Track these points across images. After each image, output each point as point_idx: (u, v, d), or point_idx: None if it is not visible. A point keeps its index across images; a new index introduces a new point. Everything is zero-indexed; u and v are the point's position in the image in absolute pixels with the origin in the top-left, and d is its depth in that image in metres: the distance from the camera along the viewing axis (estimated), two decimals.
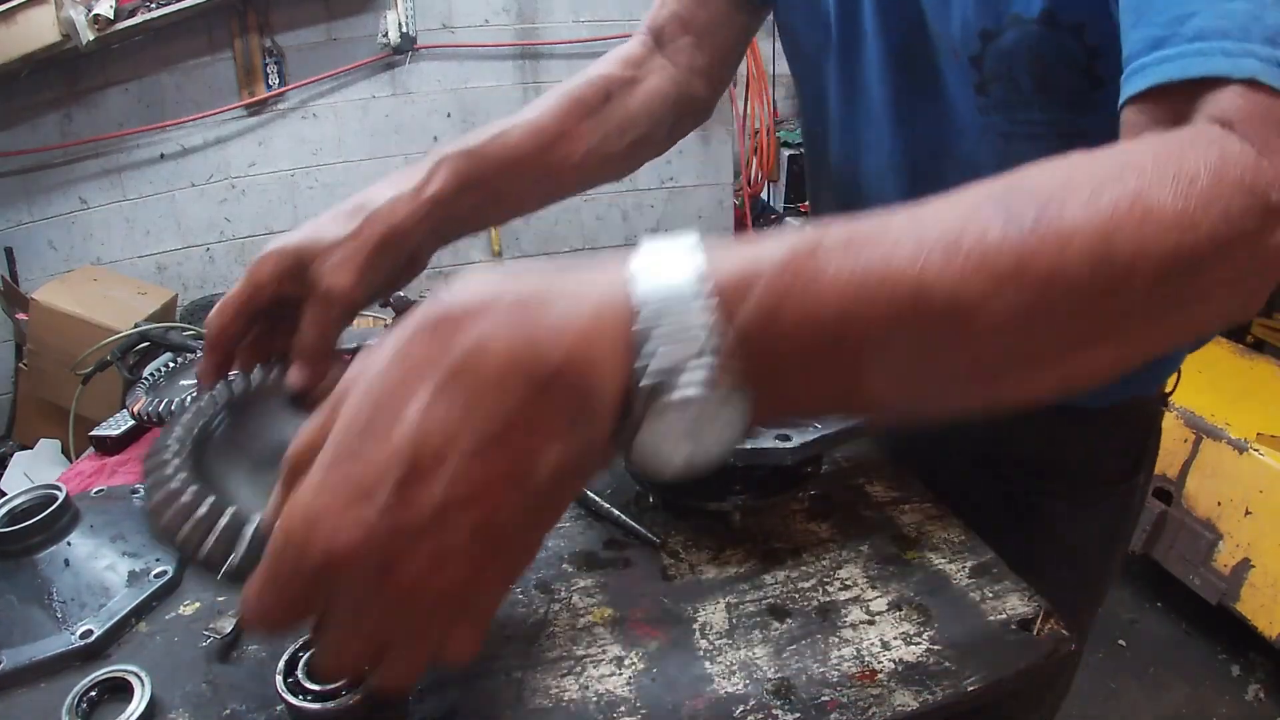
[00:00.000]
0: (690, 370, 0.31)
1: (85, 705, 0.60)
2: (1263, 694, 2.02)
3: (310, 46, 3.28)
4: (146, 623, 0.68)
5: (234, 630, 0.64)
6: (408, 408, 0.32)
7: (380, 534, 0.31)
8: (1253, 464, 2.00)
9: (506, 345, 0.32)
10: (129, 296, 2.82)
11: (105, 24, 2.75)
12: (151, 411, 0.92)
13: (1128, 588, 2.42)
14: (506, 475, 0.32)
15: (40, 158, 3.06)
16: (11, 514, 0.74)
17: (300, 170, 3.39)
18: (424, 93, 3.46)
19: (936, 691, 0.60)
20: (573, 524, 0.83)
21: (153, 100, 3.14)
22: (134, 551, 0.76)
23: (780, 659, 0.63)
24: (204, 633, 0.66)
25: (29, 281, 3.07)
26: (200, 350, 1.17)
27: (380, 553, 0.31)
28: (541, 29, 3.54)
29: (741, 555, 0.76)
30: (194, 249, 3.35)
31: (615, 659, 0.64)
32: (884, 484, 0.87)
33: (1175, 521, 2.13)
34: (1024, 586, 0.71)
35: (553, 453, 0.32)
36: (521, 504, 0.33)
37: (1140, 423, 0.88)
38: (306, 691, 0.50)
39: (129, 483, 0.91)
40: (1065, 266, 0.34)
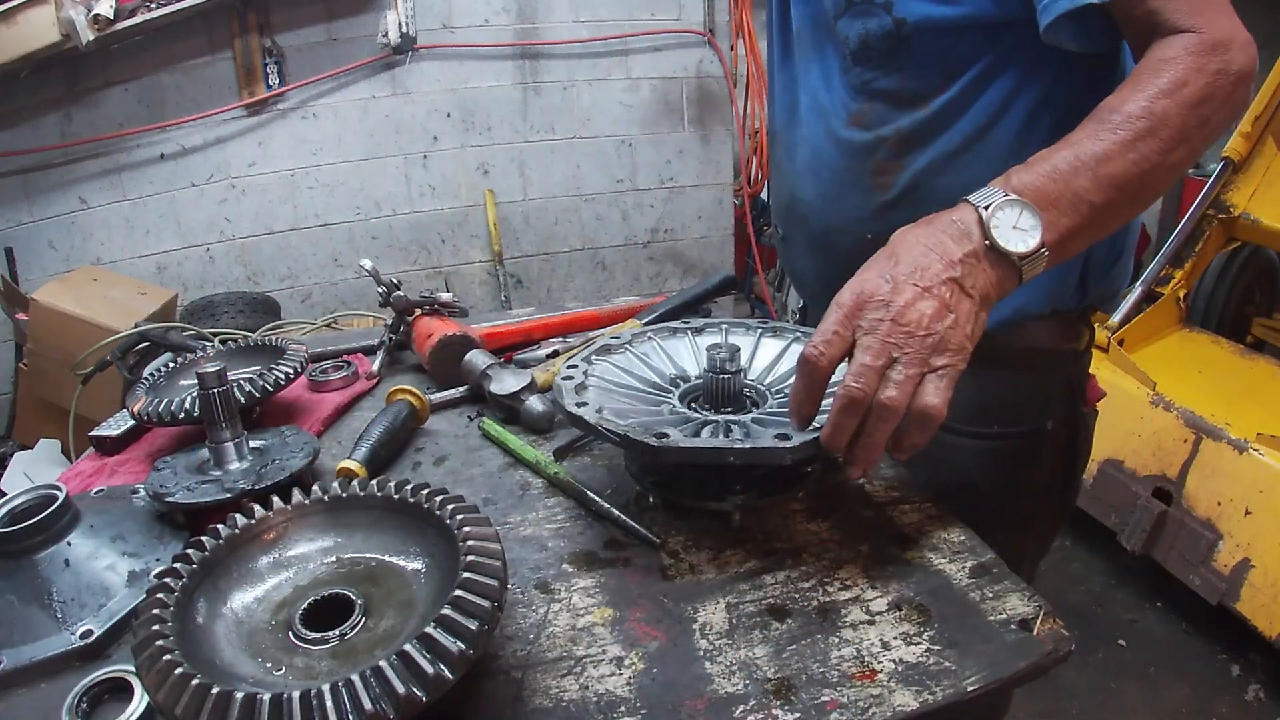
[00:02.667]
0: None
1: (85, 705, 0.60)
2: (1263, 694, 2.03)
3: (310, 46, 3.28)
4: None
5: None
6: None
7: (893, 308, 0.66)
8: (1253, 464, 2.00)
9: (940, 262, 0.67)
10: (129, 296, 2.82)
11: (105, 24, 2.75)
12: (151, 411, 0.93)
13: (1128, 588, 2.42)
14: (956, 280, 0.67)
15: (40, 158, 3.06)
16: (11, 514, 0.74)
17: (300, 170, 3.39)
18: (424, 93, 3.46)
19: (936, 691, 0.60)
20: (573, 524, 0.83)
21: (153, 100, 3.14)
22: (134, 551, 0.76)
23: (780, 659, 0.63)
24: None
25: (29, 281, 3.07)
26: (200, 350, 1.17)
27: (890, 306, 0.65)
28: (541, 29, 3.54)
29: (741, 555, 0.76)
30: (194, 249, 3.35)
31: (615, 659, 0.64)
32: (884, 484, 0.87)
33: (1175, 521, 2.13)
34: (1024, 586, 0.71)
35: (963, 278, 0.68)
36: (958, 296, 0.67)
37: (1042, 370, 0.99)
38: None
39: (129, 483, 0.91)
40: (1160, 159, 0.73)
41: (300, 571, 0.67)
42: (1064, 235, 0.70)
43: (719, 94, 3.84)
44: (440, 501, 0.65)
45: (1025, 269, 0.70)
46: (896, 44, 0.87)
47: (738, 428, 0.79)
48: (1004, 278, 0.70)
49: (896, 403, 0.65)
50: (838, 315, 0.67)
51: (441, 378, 1.14)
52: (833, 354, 0.67)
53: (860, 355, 0.65)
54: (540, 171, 3.73)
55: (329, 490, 0.70)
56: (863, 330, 0.66)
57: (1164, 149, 0.72)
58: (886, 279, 0.67)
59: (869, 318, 0.66)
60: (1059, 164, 0.71)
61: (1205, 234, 2.54)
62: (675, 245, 4.04)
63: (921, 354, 0.65)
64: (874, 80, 0.92)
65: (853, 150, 0.97)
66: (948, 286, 0.67)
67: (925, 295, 0.66)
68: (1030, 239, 0.69)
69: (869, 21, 0.87)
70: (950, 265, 0.67)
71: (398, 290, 1.23)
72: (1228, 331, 2.85)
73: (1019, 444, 1.00)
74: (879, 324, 0.65)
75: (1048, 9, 0.78)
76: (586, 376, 0.88)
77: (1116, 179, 0.71)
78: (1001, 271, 0.69)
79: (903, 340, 0.65)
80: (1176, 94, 0.72)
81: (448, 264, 3.73)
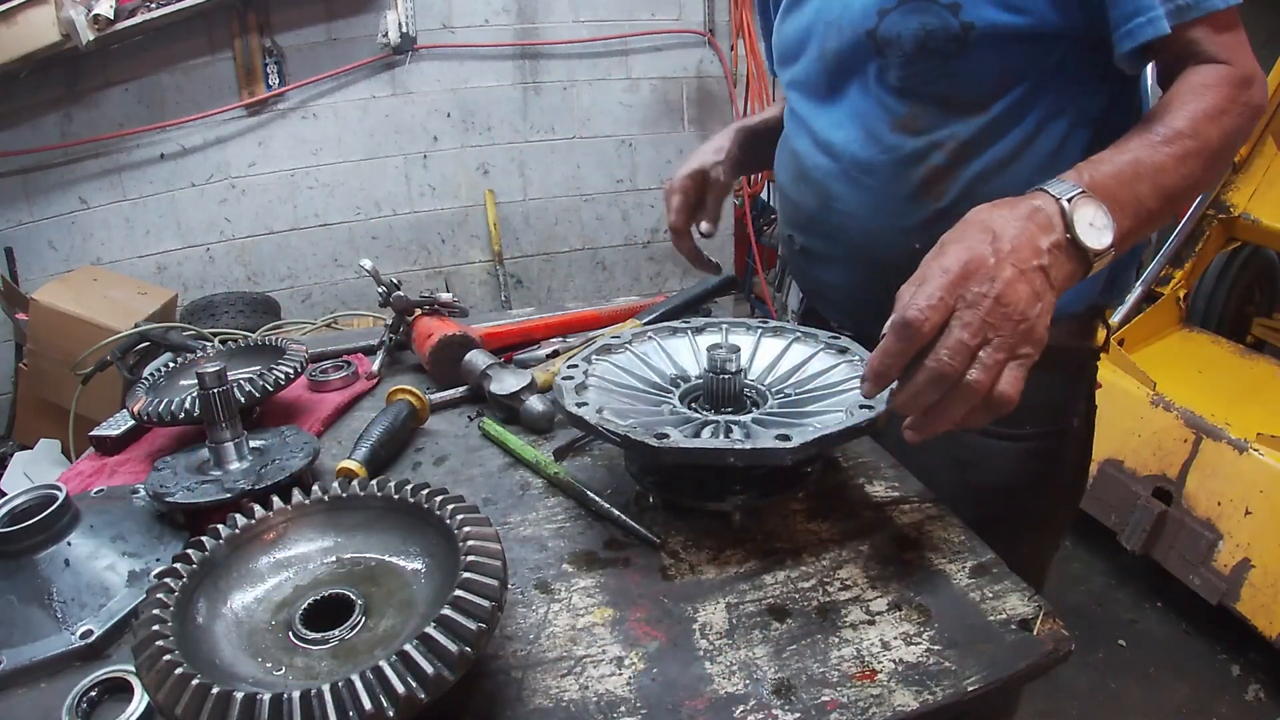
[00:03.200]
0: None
1: (85, 705, 0.60)
2: (1263, 694, 2.02)
3: (310, 46, 3.28)
4: None
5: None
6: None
7: (992, 287, 0.65)
8: (1253, 464, 2.00)
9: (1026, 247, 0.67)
10: (129, 296, 2.82)
11: (105, 24, 2.75)
12: (151, 411, 0.92)
13: (1128, 588, 2.42)
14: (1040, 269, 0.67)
15: (40, 158, 3.06)
16: (11, 514, 0.74)
17: (300, 170, 3.39)
18: (424, 92, 3.46)
19: (936, 691, 0.60)
20: (573, 524, 0.83)
21: (153, 100, 3.14)
22: (134, 551, 0.76)
23: (780, 659, 0.63)
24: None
25: (29, 281, 3.07)
26: (200, 350, 1.17)
27: (995, 281, 0.64)
28: (541, 29, 3.54)
29: (741, 555, 0.76)
30: (194, 249, 3.35)
31: (615, 659, 0.64)
32: (884, 484, 0.87)
33: (1175, 521, 2.13)
34: (1024, 586, 0.71)
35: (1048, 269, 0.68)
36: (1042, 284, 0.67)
37: (1064, 369, 1.00)
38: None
39: (129, 483, 0.91)
40: (1200, 176, 0.79)
41: (300, 571, 0.67)
42: (1123, 236, 0.73)
43: (719, 94, 3.83)
44: (440, 501, 0.65)
45: (1095, 265, 0.71)
46: (959, 47, 0.86)
47: (738, 428, 0.79)
48: (1074, 272, 0.71)
49: (982, 385, 0.64)
50: (943, 281, 0.64)
51: (441, 378, 1.14)
52: (935, 320, 0.64)
53: (959, 330, 0.64)
54: (540, 171, 3.73)
55: (329, 490, 0.70)
56: (965, 303, 0.64)
57: (1204, 168, 0.78)
58: (990, 251, 0.66)
59: (973, 290, 0.64)
60: (1124, 169, 0.75)
61: (1205, 234, 2.54)
62: None
63: (1013, 340, 0.65)
64: (926, 84, 0.90)
65: (901, 157, 0.94)
66: (1040, 274, 0.67)
67: (1023, 278, 0.65)
68: (1105, 237, 0.70)
69: (928, 20, 0.85)
70: (1040, 252, 0.67)
71: (398, 290, 1.23)
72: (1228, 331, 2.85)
73: (1048, 443, 1.02)
74: (982, 299, 0.64)
75: (1131, 35, 0.80)
76: (586, 376, 0.88)
77: (1168, 190, 0.76)
78: (1074, 266, 0.70)
79: (999, 321, 0.64)
80: (1217, 120, 0.78)
81: (448, 264, 3.73)
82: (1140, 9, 0.79)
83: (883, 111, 0.94)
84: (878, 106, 0.94)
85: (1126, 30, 0.80)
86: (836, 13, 0.95)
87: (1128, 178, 0.75)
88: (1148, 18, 0.79)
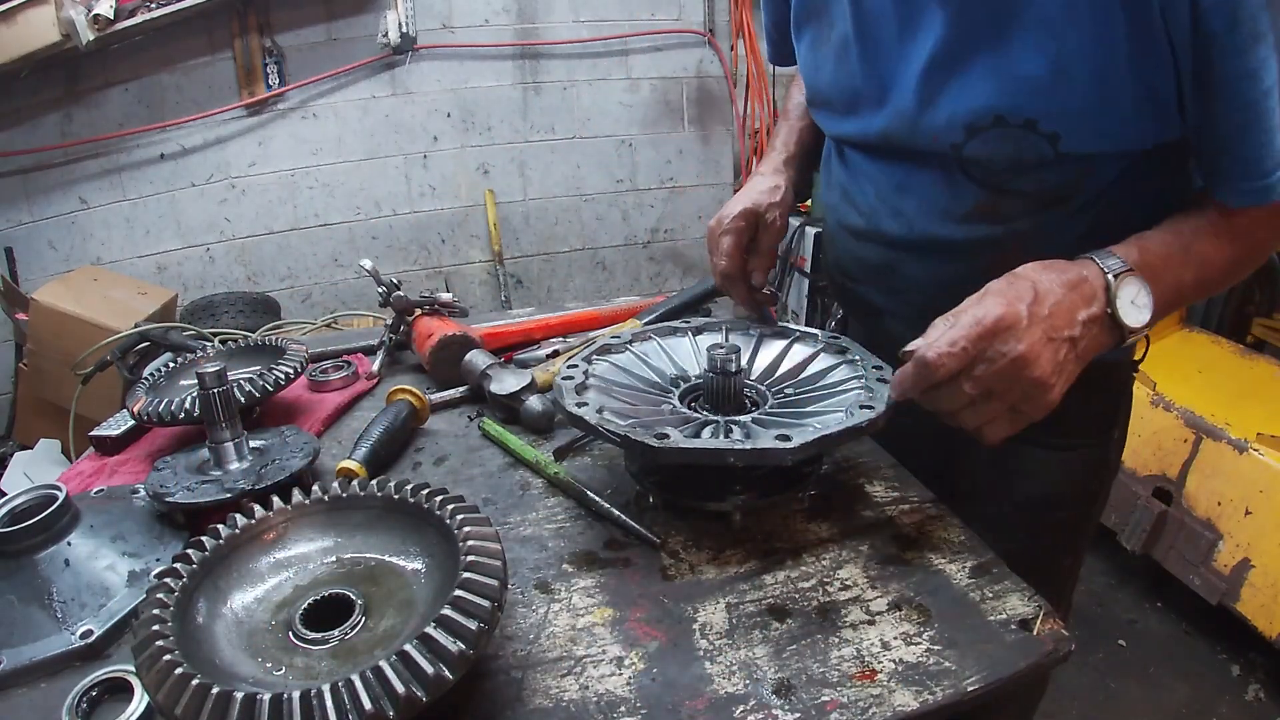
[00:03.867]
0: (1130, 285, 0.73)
1: (85, 705, 0.60)
2: (1263, 694, 2.02)
3: (310, 46, 3.27)
4: None
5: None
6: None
7: (1020, 350, 0.67)
8: (1253, 464, 2.00)
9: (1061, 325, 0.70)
10: (129, 296, 2.82)
11: (105, 24, 2.74)
12: (151, 411, 0.92)
13: (1128, 588, 2.42)
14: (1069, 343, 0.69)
15: (40, 158, 3.06)
16: (11, 514, 0.74)
17: (300, 170, 3.39)
18: (424, 93, 3.46)
19: (936, 691, 0.60)
20: (573, 524, 0.83)
21: (153, 100, 3.14)
22: (134, 551, 0.76)
23: (780, 659, 0.63)
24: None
25: (29, 281, 3.07)
26: (200, 350, 1.17)
27: (1020, 342, 0.67)
28: (541, 29, 3.54)
29: (741, 555, 0.76)
30: (194, 249, 3.35)
31: (615, 659, 0.64)
32: (884, 484, 0.87)
33: (1175, 521, 2.13)
34: (1024, 586, 0.71)
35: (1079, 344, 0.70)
36: (1070, 359, 0.70)
37: (1113, 384, 1.01)
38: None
39: (129, 483, 0.91)
40: (1242, 271, 0.81)
41: (300, 571, 0.67)
42: (1158, 314, 0.74)
43: (719, 94, 3.83)
44: (440, 501, 0.65)
45: (1128, 341, 0.74)
46: (1052, 163, 0.80)
47: (738, 428, 0.79)
48: (1106, 345, 0.73)
49: (968, 425, 0.71)
50: (974, 332, 0.67)
51: (441, 378, 1.14)
52: (951, 368, 0.68)
53: (967, 385, 0.69)
54: (540, 171, 3.73)
55: (329, 490, 0.70)
56: (984, 358, 0.68)
57: (1245, 265, 0.80)
58: (1026, 313, 0.68)
59: (997, 348, 0.67)
60: (1174, 253, 0.76)
61: None
62: (675, 245, 4.04)
63: (1017, 399, 0.69)
64: (1011, 182, 0.84)
65: (978, 239, 0.88)
66: (1068, 345, 0.69)
67: (1049, 345, 0.68)
68: (1144, 315, 0.72)
69: (1024, 148, 0.79)
70: (1075, 324, 0.70)
71: (398, 290, 1.23)
72: (1228, 331, 2.85)
73: (1095, 454, 1.03)
74: (1001, 357, 0.67)
75: (1241, 196, 0.75)
76: (586, 376, 0.88)
77: (1209, 280, 0.78)
78: (1107, 339, 0.73)
79: (1011, 382, 0.68)
80: (1273, 223, 0.77)
81: (448, 264, 3.73)
82: (1259, 172, 0.72)
83: (963, 194, 0.87)
84: (956, 189, 0.87)
85: (1236, 189, 0.75)
86: (908, 107, 0.85)
87: (1176, 262, 0.75)
88: (1264, 184, 0.72)
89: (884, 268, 0.98)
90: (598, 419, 0.76)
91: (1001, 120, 0.78)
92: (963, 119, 0.80)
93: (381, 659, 0.50)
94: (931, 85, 0.82)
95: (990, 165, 0.82)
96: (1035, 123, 0.77)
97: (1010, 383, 0.68)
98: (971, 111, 0.79)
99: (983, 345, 0.67)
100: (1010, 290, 0.69)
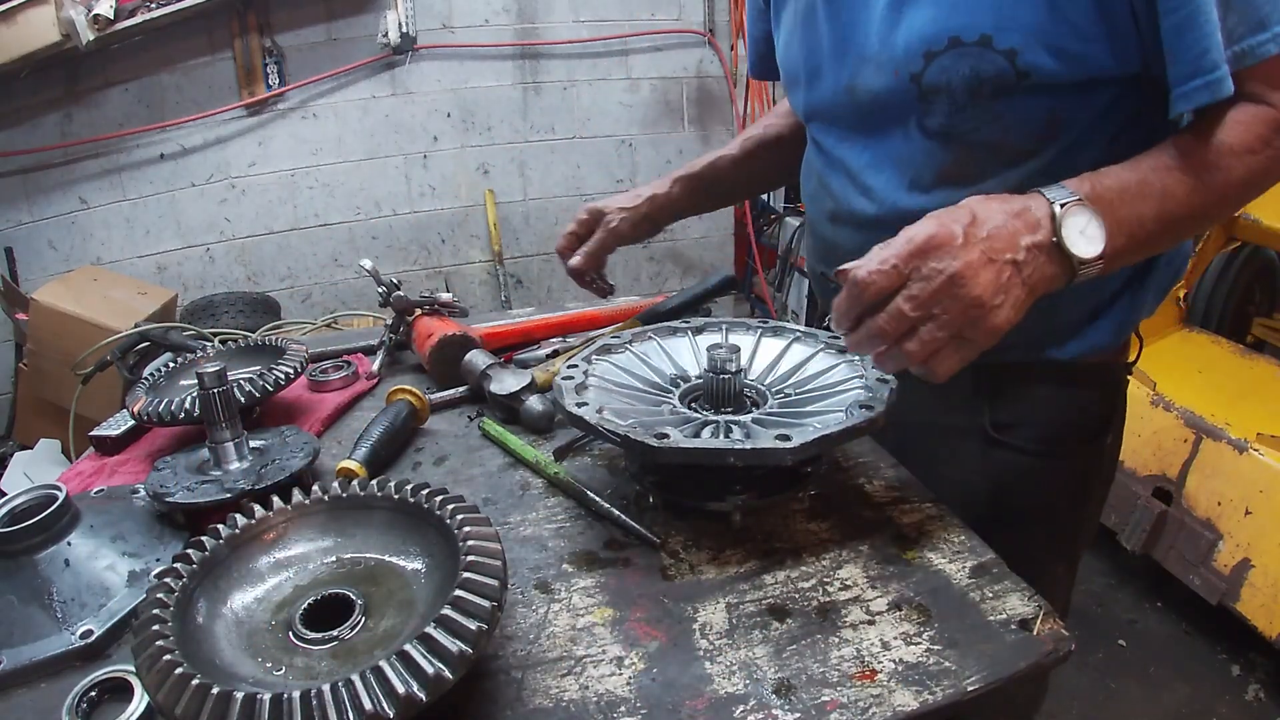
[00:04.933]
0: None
1: (85, 705, 0.60)
2: (1263, 694, 2.02)
3: (310, 46, 3.27)
4: None
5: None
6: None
7: (951, 266, 0.66)
8: (1253, 464, 2.00)
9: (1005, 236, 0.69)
10: (129, 296, 2.82)
11: (105, 24, 2.75)
12: (151, 411, 0.92)
13: (1128, 588, 2.42)
14: (1013, 264, 0.68)
15: (40, 158, 3.06)
16: (11, 514, 0.74)
17: (300, 170, 3.39)
18: (424, 93, 3.46)
19: (936, 691, 0.60)
20: (573, 524, 0.83)
21: (153, 100, 3.14)
22: (134, 551, 0.76)
23: (780, 659, 0.63)
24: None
25: (29, 281, 3.07)
26: (200, 350, 1.17)
27: (956, 259, 0.66)
28: (541, 29, 3.54)
29: (741, 555, 0.76)
30: (194, 249, 3.35)
31: (615, 659, 0.64)
32: (884, 484, 0.87)
33: (1175, 521, 2.13)
34: (1024, 586, 0.71)
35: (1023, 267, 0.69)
36: (1014, 281, 0.68)
37: (1103, 386, 0.99)
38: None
39: (129, 483, 0.91)
40: (1212, 209, 0.77)
41: (300, 571, 0.67)
42: (1116, 252, 0.72)
43: (719, 94, 3.83)
44: (440, 501, 0.65)
45: (1080, 274, 0.71)
46: (1009, 92, 0.80)
47: (738, 428, 0.79)
48: (1056, 276, 0.71)
49: (914, 357, 0.68)
50: (904, 250, 0.67)
51: (441, 378, 1.14)
52: (881, 285, 0.67)
53: (902, 301, 0.67)
54: (540, 171, 3.73)
55: (329, 490, 0.70)
56: (920, 276, 0.67)
57: (1218, 201, 0.76)
58: (962, 232, 0.67)
59: (930, 264, 0.66)
60: (1129, 185, 0.74)
61: (1205, 234, 2.54)
62: (675, 245, 4.04)
63: (959, 322, 0.67)
64: (973, 130, 0.84)
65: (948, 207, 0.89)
66: (1011, 268, 0.68)
67: (989, 265, 0.67)
68: (1094, 247, 0.70)
69: (982, 66, 0.79)
70: (1017, 248, 0.68)
71: (398, 290, 1.23)
72: (1228, 331, 2.84)
73: (1086, 461, 1.01)
74: (937, 274, 0.66)
75: (1188, 98, 0.74)
76: (586, 376, 0.88)
77: (1173, 216, 0.75)
78: (1056, 270, 0.71)
79: (949, 303, 0.66)
80: (1242, 156, 0.74)
81: (448, 264, 3.73)
82: (1201, 69, 0.72)
83: (927, 159, 0.88)
84: (921, 154, 0.88)
85: (1183, 93, 0.74)
86: (870, 47, 0.87)
87: (1131, 195, 0.73)
88: (1206, 81, 0.72)
89: (857, 252, 0.98)
90: (598, 419, 0.76)
91: (957, 40, 0.79)
92: (920, 45, 0.81)
93: (381, 659, 0.50)
94: (890, 19, 0.83)
95: (951, 92, 0.82)
96: (990, 38, 0.77)
97: (948, 302, 0.66)
98: (926, 37, 0.80)
99: (915, 262, 0.67)
100: (946, 214, 0.69)
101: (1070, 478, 1.00)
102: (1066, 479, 1.00)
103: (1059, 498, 1.00)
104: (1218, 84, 0.72)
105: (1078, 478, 1.01)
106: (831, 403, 0.83)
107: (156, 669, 0.51)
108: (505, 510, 0.85)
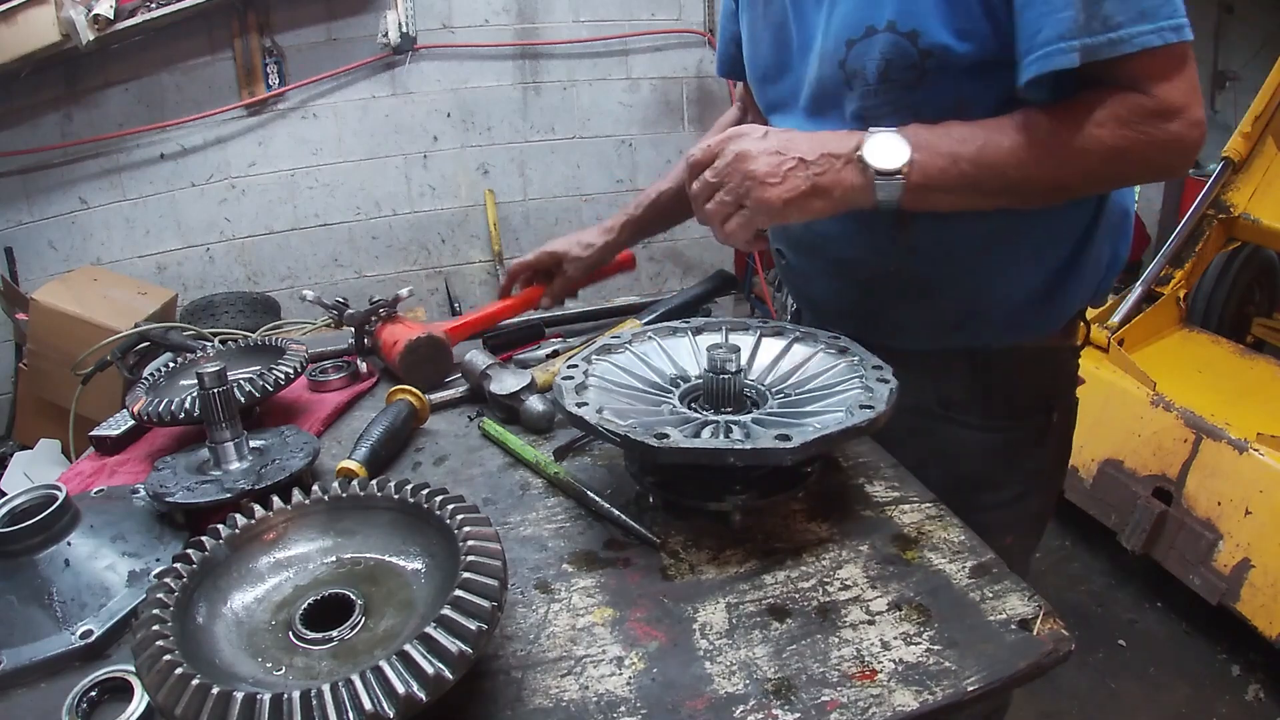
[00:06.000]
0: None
1: (85, 705, 0.60)
2: (1263, 694, 2.02)
3: (310, 46, 3.27)
4: None
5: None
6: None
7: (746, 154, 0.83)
8: (1253, 464, 2.00)
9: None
10: (129, 296, 2.82)
11: (105, 24, 2.74)
12: (151, 411, 0.92)
13: (1128, 588, 2.42)
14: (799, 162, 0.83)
15: (40, 158, 3.06)
16: (11, 514, 0.74)
17: (300, 170, 3.39)
18: (424, 93, 3.46)
19: (936, 691, 0.60)
20: (573, 524, 0.83)
21: (153, 100, 3.14)
22: (134, 551, 0.76)
23: (780, 659, 0.63)
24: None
25: (29, 281, 3.07)
26: (200, 350, 1.17)
27: (746, 150, 0.84)
28: (541, 29, 3.54)
29: (741, 555, 0.76)
30: (194, 249, 3.35)
31: (615, 659, 0.64)
32: (884, 484, 0.87)
33: (1175, 521, 2.13)
34: (1024, 586, 0.71)
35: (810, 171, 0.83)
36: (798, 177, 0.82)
37: (1046, 366, 1.06)
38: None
39: (129, 483, 0.91)
40: (1048, 173, 0.82)
41: (300, 571, 0.67)
42: (928, 178, 0.81)
43: (719, 94, 3.83)
44: (440, 501, 0.65)
45: (879, 186, 0.81)
46: (917, 76, 0.86)
47: (738, 428, 0.79)
48: (855, 186, 0.82)
49: (712, 215, 0.87)
50: (719, 137, 0.87)
51: (418, 381, 1.12)
52: (698, 158, 0.88)
53: (709, 173, 0.87)
54: (540, 171, 3.73)
55: (329, 490, 0.70)
56: (721, 155, 0.86)
57: (1055, 166, 0.81)
58: (764, 131, 0.85)
59: (730, 146, 0.85)
60: (956, 130, 0.82)
61: (1205, 234, 2.54)
62: (675, 245, 4.04)
63: (737, 190, 0.84)
64: (889, 115, 0.89)
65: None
66: (794, 160, 0.83)
67: (774, 155, 0.83)
68: (893, 161, 0.80)
69: (889, 49, 0.86)
70: (812, 153, 0.83)
71: (347, 309, 1.22)
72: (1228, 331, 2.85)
73: (1027, 434, 1.06)
74: (730, 153, 0.85)
75: (1026, 67, 0.79)
76: (586, 376, 0.88)
77: (996, 166, 0.81)
78: (855, 179, 0.82)
79: (729, 174, 0.85)
80: (1089, 129, 0.78)
81: (448, 264, 3.73)
82: (1036, 44, 0.77)
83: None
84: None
85: (1024, 64, 0.79)
86: (817, 40, 0.95)
87: (955, 138, 0.81)
88: (1043, 52, 0.76)
89: (804, 230, 1.09)
90: (598, 419, 0.76)
91: (872, 29, 0.87)
92: (845, 33, 0.90)
93: (381, 659, 0.50)
94: (829, 14, 0.93)
95: (865, 76, 0.90)
96: (895, 23, 0.85)
97: (732, 172, 0.84)
98: (849, 25, 0.90)
99: (721, 145, 0.85)
100: (769, 131, 0.85)
101: (1007, 451, 1.05)
102: (1002, 452, 1.05)
103: (998, 472, 1.05)
104: (1052, 56, 0.76)
105: (1015, 450, 1.06)
106: (831, 403, 0.83)
107: (156, 669, 0.51)
108: (505, 510, 0.85)
